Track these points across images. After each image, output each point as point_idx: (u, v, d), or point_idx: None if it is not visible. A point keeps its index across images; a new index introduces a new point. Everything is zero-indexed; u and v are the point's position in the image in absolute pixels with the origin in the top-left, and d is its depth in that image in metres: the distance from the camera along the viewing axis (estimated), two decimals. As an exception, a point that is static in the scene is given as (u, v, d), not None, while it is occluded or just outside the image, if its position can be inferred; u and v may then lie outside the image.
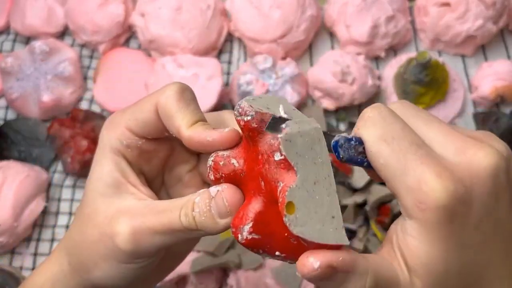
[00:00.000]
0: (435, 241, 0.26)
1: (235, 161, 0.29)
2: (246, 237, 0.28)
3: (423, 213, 0.26)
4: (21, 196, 0.66)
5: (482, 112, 0.76)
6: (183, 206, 0.30)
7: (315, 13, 0.78)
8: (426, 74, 0.71)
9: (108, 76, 0.78)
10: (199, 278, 0.64)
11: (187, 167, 0.37)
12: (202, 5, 0.78)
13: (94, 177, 0.33)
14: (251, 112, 0.27)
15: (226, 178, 0.30)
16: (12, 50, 0.83)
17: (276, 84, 0.74)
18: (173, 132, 0.31)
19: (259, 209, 0.28)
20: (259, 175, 0.28)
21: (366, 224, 0.66)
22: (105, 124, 0.34)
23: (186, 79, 0.74)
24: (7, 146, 0.75)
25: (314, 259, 0.25)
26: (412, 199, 0.26)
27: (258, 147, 0.28)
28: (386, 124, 0.28)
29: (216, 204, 0.29)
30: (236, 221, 0.28)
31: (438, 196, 0.25)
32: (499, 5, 0.75)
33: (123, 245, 0.30)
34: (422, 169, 0.26)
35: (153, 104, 0.32)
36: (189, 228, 0.30)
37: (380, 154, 0.27)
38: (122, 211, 0.31)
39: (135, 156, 0.34)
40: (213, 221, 0.29)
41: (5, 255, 0.69)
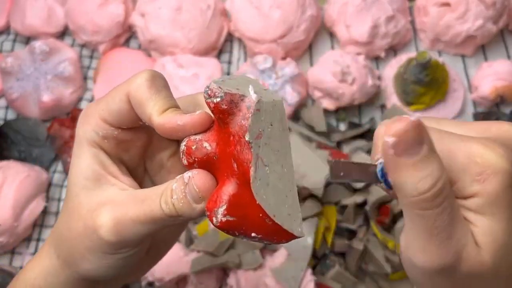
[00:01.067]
0: (499, 212, 0.25)
1: (207, 144, 0.29)
2: (220, 220, 0.28)
3: (484, 184, 0.25)
4: (21, 196, 0.66)
5: (482, 112, 0.76)
6: (162, 194, 0.30)
7: (315, 13, 0.78)
8: (426, 74, 0.71)
9: (108, 76, 0.78)
10: (199, 278, 0.64)
11: (168, 153, 0.36)
12: (202, 5, 0.78)
13: (74, 171, 0.33)
14: (220, 93, 0.27)
15: (199, 162, 0.29)
16: (12, 50, 0.83)
17: (276, 84, 0.74)
18: (145, 120, 0.31)
19: (233, 191, 0.28)
20: (232, 156, 0.28)
21: (366, 224, 0.66)
22: (79, 118, 0.34)
23: (186, 79, 0.74)
24: (7, 146, 0.75)
25: (409, 116, 0.24)
26: (470, 176, 0.25)
27: (229, 129, 0.28)
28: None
29: (189, 190, 0.29)
30: (210, 205, 0.28)
31: (495, 163, 0.25)
32: (499, 5, 0.75)
33: (106, 236, 0.30)
34: (466, 146, 0.26)
35: (125, 93, 0.31)
36: (170, 215, 0.30)
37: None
38: (103, 203, 0.31)
39: (113, 147, 0.33)
40: (189, 206, 0.29)
41: (5, 255, 0.69)
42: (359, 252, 0.63)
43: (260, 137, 0.28)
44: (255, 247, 0.64)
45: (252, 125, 0.27)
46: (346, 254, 0.65)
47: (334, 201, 0.67)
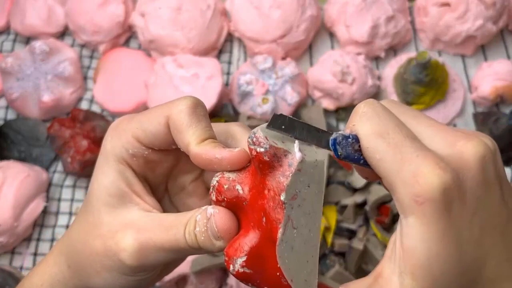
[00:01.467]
0: (434, 237, 0.26)
1: (240, 187, 0.29)
2: (237, 270, 0.28)
3: (420, 207, 0.25)
4: (21, 196, 0.66)
5: (482, 112, 0.76)
6: (187, 223, 0.30)
7: (315, 13, 0.78)
8: (426, 74, 0.71)
9: (108, 76, 0.78)
10: (199, 278, 0.64)
11: (191, 177, 0.36)
12: (202, 5, 0.78)
13: (97, 185, 0.32)
14: (265, 144, 0.27)
15: (228, 203, 0.29)
16: (12, 50, 0.83)
17: (276, 84, 0.74)
18: (181, 147, 0.31)
19: (255, 243, 0.28)
20: (262, 210, 0.27)
21: (366, 224, 0.66)
22: (109, 130, 0.33)
23: (186, 79, 0.74)
24: (7, 146, 0.75)
25: None
26: (409, 194, 0.26)
27: (266, 181, 0.27)
28: (381, 119, 0.28)
29: (210, 226, 0.29)
30: (230, 251, 0.28)
31: (435, 188, 0.25)
32: (499, 5, 0.75)
33: (128, 261, 0.30)
34: (418, 162, 0.26)
35: (164, 117, 0.31)
36: (192, 246, 0.30)
37: (376, 150, 0.27)
38: (127, 225, 0.31)
39: (141, 165, 0.33)
40: (210, 241, 0.29)
41: (5, 255, 0.69)
42: (359, 252, 0.63)
43: (295, 198, 0.27)
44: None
45: (290, 185, 0.27)
46: (346, 254, 0.65)
47: (334, 201, 0.67)
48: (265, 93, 0.74)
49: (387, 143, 0.27)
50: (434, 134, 0.28)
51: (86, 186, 0.74)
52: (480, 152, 0.27)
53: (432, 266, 0.26)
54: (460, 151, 0.27)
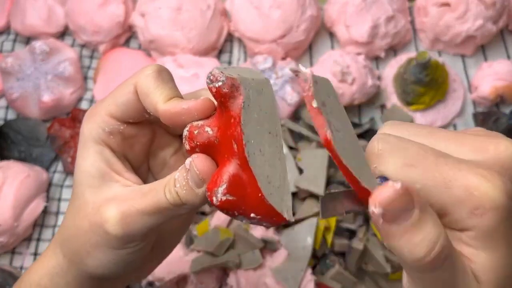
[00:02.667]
0: (496, 245, 0.25)
1: (209, 129, 0.30)
2: (220, 199, 0.28)
3: (481, 219, 0.24)
4: (22, 196, 0.66)
5: (482, 112, 0.76)
6: (166, 184, 0.30)
7: (315, 13, 0.78)
8: (426, 74, 0.71)
9: (108, 76, 0.78)
10: (199, 278, 0.64)
11: (170, 151, 0.37)
12: (202, 5, 0.78)
13: (79, 169, 0.33)
14: (221, 77, 0.28)
15: (201, 147, 0.30)
16: (12, 50, 0.83)
17: (276, 84, 0.74)
18: (150, 109, 0.32)
19: (233, 171, 0.28)
20: (232, 138, 0.28)
21: (366, 224, 0.66)
22: (84, 117, 0.34)
23: (186, 79, 0.74)
24: (7, 146, 0.75)
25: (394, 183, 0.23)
26: (466, 209, 0.24)
27: (229, 111, 0.28)
28: (401, 149, 0.26)
29: (191, 175, 0.29)
30: (210, 185, 0.29)
31: (493, 196, 0.24)
32: (499, 5, 0.75)
33: (113, 230, 0.31)
34: (463, 176, 0.24)
35: (132, 85, 0.32)
36: (174, 203, 0.30)
37: (413, 180, 0.25)
38: (109, 199, 0.32)
39: (119, 143, 0.34)
40: (192, 192, 0.30)
41: (5, 255, 0.69)
42: (359, 252, 0.63)
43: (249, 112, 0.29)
44: (255, 247, 0.64)
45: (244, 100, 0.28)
46: (346, 254, 0.65)
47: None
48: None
49: (421, 169, 0.25)
50: (458, 146, 0.27)
51: (86, 186, 0.74)
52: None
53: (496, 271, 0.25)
54: (495, 154, 0.26)
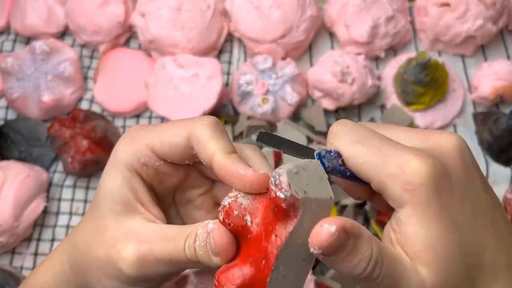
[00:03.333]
0: (431, 221, 0.26)
1: (249, 219, 0.28)
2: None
3: (412, 194, 0.26)
4: (22, 196, 0.66)
5: (481, 112, 0.76)
6: (188, 237, 0.30)
7: (315, 13, 0.78)
8: (425, 74, 0.71)
9: (108, 76, 0.78)
10: (199, 278, 0.64)
11: (199, 191, 0.36)
12: (202, 5, 0.78)
13: (105, 189, 0.33)
14: (287, 192, 0.26)
15: (233, 229, 0.29)
16: (12, 50, 0.83)
17: (276, 84, 0.74)
18: (204, 157, 0.31)
19: (247, 280, 0.28)
20: (264, 252, 0.27)
21: (366, 224, 0.66)
22: (123, 136, 0.34)
23: (186, 79, 0.74)
24: (8, 146, 0.75)
25: (328, 225, 0.25)
26: (399, 185, 0.27)
27: (276, 226, 0.27)
28: (355, 130, 0.29)
29: (209, 241, 0.29)
30: (221, 278, 0.28)
31: (423, 172, 0.26)
32: (499, 5, 0.75)
33: (127, 270, 0.31)
34: (399, 154, 0.27)
35: (186, 130, 0.31)
36: (191, 260, 0.30)
37: (357, 155, 0.28)
38: (129, 234, 0.31)
39: (149, 175, 0.33)
40: (208, 256, 0.29)
41: (5, 255, 0.69)
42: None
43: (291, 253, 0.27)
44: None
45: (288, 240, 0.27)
46: (346, 254, 0.65)
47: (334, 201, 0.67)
48: (265, 93, 0.74)
49: (366, 146, 0.28)
50: (407, 135, 0.30)
51: (86, 186, 0.74)
52: (455, 141, 0.29)
53: (436, 249, 0.27)
54: (436, 143, 0.29)
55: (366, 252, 0.26)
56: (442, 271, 0.27)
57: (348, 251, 0.26)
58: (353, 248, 0.26)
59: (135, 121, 0.78)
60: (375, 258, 0.26)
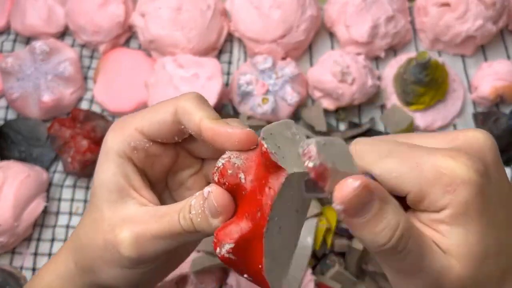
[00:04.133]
0: (471, 220, 0.26)
1: (243, 176, 0.29)
2: (223, 254, 0.28)
3: (454, 195, 0.25)
4: (22, 196, 0.66)
5: (482, 112, 0.76)
6: (181, 209, 0.30)
7: (315, 13, 0.78)
8: (425, 74, 0.71)
9: (108, 76, 0.78)
10: (199, 278, 0.64)
11: (190, 171, 0.37)
12: (202, 5, 0.78)
13: (98, 182, 0.33)
14: (316, 160, 0.25)
15: (228, 188, 0.30)
16: (12, 50, 0.83)
17: (276, 84, 0.74)
18: (191, 127, 0.32)
19: (245, 233, 0.28)
20: (259, 205, 0.28)
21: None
22: (111, 127, 0.34)
23: (186, 79, 0.74)
24: (7, 146, 0.75)
25: (353, 180, 0.24)
26: (439, 188, 0.26)
27: (269, 178, 0.28)
28: (376, 146, 0.28)
29: (208, 204, 0.29)
30: (220, 235, 0.29)
31: (462, 173, 0.25)
32: (499, 5, 0.75)
33: (126, 253, 0.31)
34: (433, 158, 0.26)
35: (172, 106, 0.32)
36: (188, 230, 0.30)
37: (390, 170, 0.27)
38: (124, 219, 0.32)
39: (141, 159, 0.34)
40: (207, 221, 0.29)
41: (5, 255, 0.69)
42: (359, 252, 0.63)
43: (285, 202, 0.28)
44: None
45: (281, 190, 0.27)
46: (346, 254, 0.65)
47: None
48: (265, 93, 0.74)
49: (396, 159, 0.27)
50: (431, 140, 0.29)
51: (86, 186, 0.74)
52: (484, 137, 0.28)
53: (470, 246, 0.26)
54: (465, 141, 0.28)
55: (392, 220, 0.25)
56: (471, 266, 0.26)
57: (373, 214, 0.25)
58: (379, 212, 0.25)
59: (135, 121, 0.78)
60: (402, 228, 0.25)
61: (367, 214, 0.25)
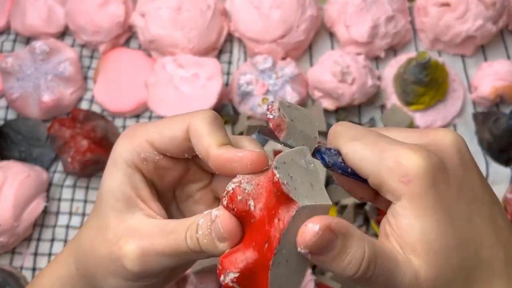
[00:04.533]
0: (426, 213, 0.27)
1: (252, 203, 0.29)
2: (227, 283, 0.28)
3: (409, 186, 0.27)
4: (22, 196, 0.66)
5: (481, 112, 0.76)
6: (188, 228, 0.30)
7: (315, 13, 0.78)
8: (425, 74, 0.71)
9: (108, 76, 0.78)
10: (199, 278, 0.64)
11: (199, 185, 0.37)
12: (202, 5, 0.78)
13: (106, 188, 0.33)
14: (275, 113, 0.29)
15: (236, 214, 0.29)
16: (12, 50, 0.83)
17: (276, 84, 0.74)
18: (201, 152, 0.31)
19: (250, 263, 0.28)
20: (267, 236, 0.27)
21: (366, 224, 0.66)
22: (122, 135, 0.34)
23: (186, 79, 0.74)
24: (8, 146, 0.75)
25: (312, 224, 0.25)
26: (396, 177, 0.27)
27: (279, 210, 0.27)
28: (352, 129, 0.31)
29: (215, 227, 0.29)
30: (225, 262, 0.28)
31: (418, 165, 0.27)
32: (499, 5, 0.75)
33: (130, 267, 0.31)
34: (396, 149, 0.28)
35: (185, 123, 0.32)
36: (194, 250, 0.30)
37: (355, 151, 0.29)
38: (131, 231, 0.31)
39: (150, 170, 0.34)
40: (213, 244, 0.29)
41: (5, 255, 0.69)
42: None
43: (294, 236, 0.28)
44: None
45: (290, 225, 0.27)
46: (346, 254, 0.65)
47: (334, 201, 0.67)
48: (265, 93, 0.74)
49: (363, 143, 0.29)
50: (406, 135, 0.31)
51: (86, 186, 0.74)
52: (452, 137, 0.30)
53: (430, 241, 0.27)
54: (433, 139, 0.30)
55: (357, 253, 0.26)
56: (435, 263, 0.27)
57: (338, 251, 0.26)
58: (342, 248, 0.26)
59: (135, 121, 0.78)
60: (367, 258, 0.26)
61: (332, 252, 0.26)
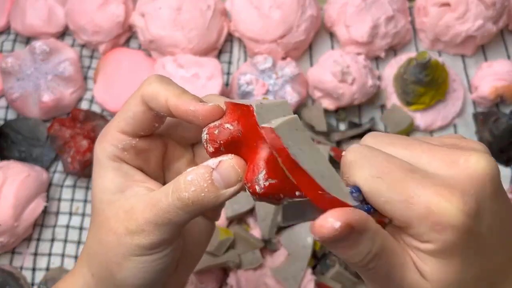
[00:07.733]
0: (453, 262, 0.26)
1: (229, 125, 0.29)
2: (263, 185, 0.27)
3: (441, 235, 0.25)
4: (22, 196, 0.66)
5: (482, 112, 0.76)
6: (171, 194, 0.30)
7: (315, 13, 0.78)
8: (426, 74, 0.71)
9: (108, 76, 0.78)
10: (199, 278, 0.64)
11: (184, 162, 0.38)
12: (202, 5, 0.78)
13: (98, 188, 0.34)
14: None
15: (225, 144, 0.29)
16: (12, 50, 0.83)
17: (276, 84, 0.74)
18: (160, 109, 0.32)
19: (266, 156, 0.28)
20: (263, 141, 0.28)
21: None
22: (96, 140, 0.35)
23: (186, 79, 0.74)
24: (8, 146, 0.75)
25: (334, 220, 0.25)
26: (427, 224, 0.26)
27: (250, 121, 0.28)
28: (371, 161, 0.27)
29: (222, 173, 0.29)
30: (249, 176, 0.28)
31: (451, 216, 0.25)
32: (499, 5, 0.75)
33: (136, 240, 0.31)
34: (425, 194, 0.26)
35: (138, 96, 0.33)
36: (186, 210, 0.30)
37: (379, 192, 0.27)
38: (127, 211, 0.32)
39: (133, 158, 0.34)
40: (216, 193, 0.29)
41: (5, 255, 0.69)
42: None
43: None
44: (255, 247, 0.64)
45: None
46: (346, 254, 0.65)
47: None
48: (265, 93, 0.74)
49: (388, 183, 0.26)
50: (430, 158, 0.27)
51: (86, 186, 0.74)
52: (485, 165, 0.26)
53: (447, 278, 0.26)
54: (465, 169, 0.26)
55: (366, 247, 0.26)
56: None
57: (350, 244, 0.26)
58: (355, 242, 0.26)
59: (135, 121, 0.78)
60: (374, 253, 0.26)
61: (343, 243, 0.26)
